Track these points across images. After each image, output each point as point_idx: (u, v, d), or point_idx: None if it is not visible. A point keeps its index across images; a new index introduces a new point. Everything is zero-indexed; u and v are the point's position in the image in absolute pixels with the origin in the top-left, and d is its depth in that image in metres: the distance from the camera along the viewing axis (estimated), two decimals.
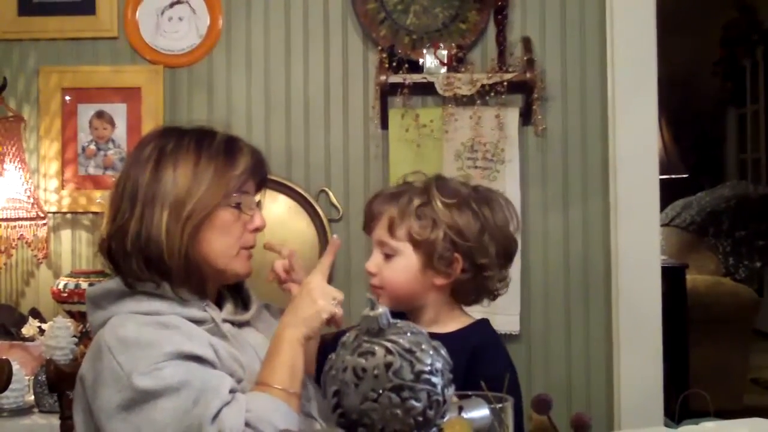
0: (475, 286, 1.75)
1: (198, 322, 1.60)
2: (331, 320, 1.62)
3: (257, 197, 1.74)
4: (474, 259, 1.71)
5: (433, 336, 1.02)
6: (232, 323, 1.67)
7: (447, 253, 1.69)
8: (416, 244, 1.69)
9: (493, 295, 1.78)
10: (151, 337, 1.52)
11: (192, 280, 1.62)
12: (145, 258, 1.58)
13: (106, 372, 1.50)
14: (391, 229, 1.71)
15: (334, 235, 2.37)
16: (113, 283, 1.63)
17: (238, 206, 1.65)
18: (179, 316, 1.58)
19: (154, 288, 1.60)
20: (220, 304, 1.69)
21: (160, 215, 1.58)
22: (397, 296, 1.71)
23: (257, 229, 1.70)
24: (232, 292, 1.76)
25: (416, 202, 1.71)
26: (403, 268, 1.71)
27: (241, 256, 1.67)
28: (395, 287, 1.71)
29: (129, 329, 1.54)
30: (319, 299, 1.60)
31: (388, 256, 1.72)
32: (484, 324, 1.79)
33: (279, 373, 1.54)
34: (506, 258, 1.77)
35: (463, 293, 1.76)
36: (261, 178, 1.74)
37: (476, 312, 1.87)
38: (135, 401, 1.46)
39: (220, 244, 1.63)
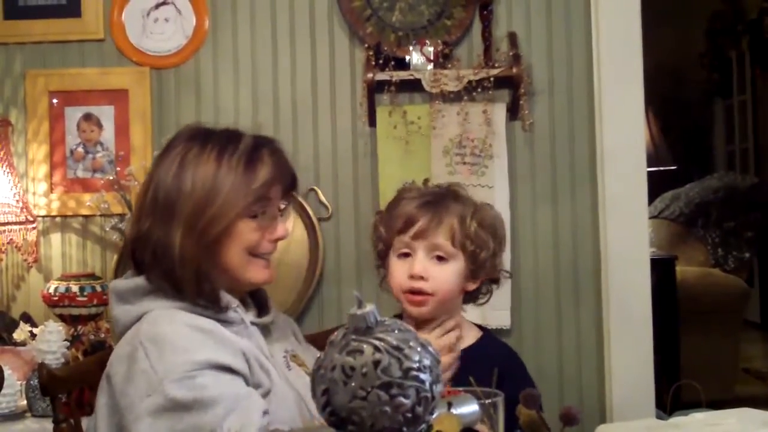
0: (479, 291, 1.81)
1: (229, 323, 1.60)
2: None
3: (282, 204, 1.72)
4: (495, 268, 1.78)
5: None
6: (257, 326, 1.68)
7: (490, 261, 1.75)
8: (469, 250, 1.72)
9: (487, 299, 1.84)
10: (186, 340, 1.51)
11: (204, 291, 1.61)
12: (163, 270, 1.58)
13: (139, 372, 1.49)
14: (453, 235, 1.72)
15: None
16: (143, 279, 1.62)
17: (257, 217, 1.64)
18: (211, 318, 1.58)
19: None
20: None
21: (176, 227, 1.58)
22: (445, 301, 1.74)
23: (278, 239, 1.69)
24: (249, 294, 1.76)
25: (471, 209, 1.75)
26: (455, 272, 1.74)
27: (255, 263, 1.66)
28: (446, 292, 1.74)
29: (165, 329, 1.53)
30: None
31: (440, 260, 1.73)
32: (493, 336, 1.84)
33: None
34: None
35: (467, 300, 1.82)
36: (287, 184, 1.72)
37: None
38: (164, 408, 1.46)
39: (234, 255, 1.63)
